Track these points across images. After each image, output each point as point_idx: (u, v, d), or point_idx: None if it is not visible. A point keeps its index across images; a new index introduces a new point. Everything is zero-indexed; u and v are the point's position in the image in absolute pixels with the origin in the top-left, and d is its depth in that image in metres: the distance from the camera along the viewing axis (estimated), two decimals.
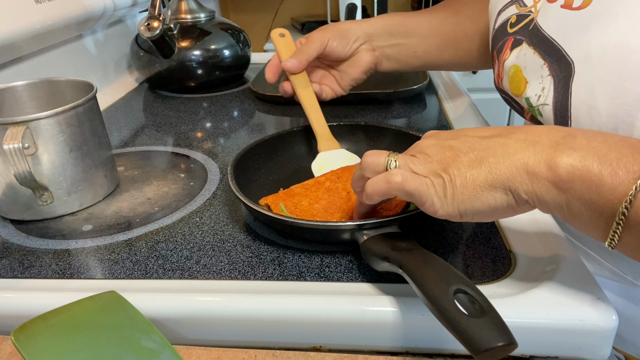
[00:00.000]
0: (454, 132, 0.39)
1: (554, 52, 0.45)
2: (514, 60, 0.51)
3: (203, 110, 0.90)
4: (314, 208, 0.50)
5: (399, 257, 0.37)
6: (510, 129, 0.36)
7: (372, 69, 0.73)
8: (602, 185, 0.31)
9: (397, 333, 0.39)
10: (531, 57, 0.48)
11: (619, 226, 0.31)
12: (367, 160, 0.40)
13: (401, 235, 0.42)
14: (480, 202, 0.35)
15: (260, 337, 0.40)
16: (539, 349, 0.38)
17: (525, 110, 0.51)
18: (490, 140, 0.36)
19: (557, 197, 0.33)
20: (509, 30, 0.54)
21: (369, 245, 0.41)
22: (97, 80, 1.00)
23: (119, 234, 0.52)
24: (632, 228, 0.31)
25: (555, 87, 0.45)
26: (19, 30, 0.72)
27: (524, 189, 0.33)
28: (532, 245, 0.46)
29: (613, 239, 0.32)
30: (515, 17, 0.53)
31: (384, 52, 0.73)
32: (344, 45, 0.71)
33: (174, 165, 0.68)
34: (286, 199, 0.51)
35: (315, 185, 0.53)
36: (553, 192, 0.33)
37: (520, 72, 0.50)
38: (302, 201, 0.50)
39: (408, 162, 0.38)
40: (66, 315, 0.36)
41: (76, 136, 0.54)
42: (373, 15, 1.77)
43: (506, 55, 0.53)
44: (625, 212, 0.30)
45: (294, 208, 0.50)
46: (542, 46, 0.47)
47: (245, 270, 0.45)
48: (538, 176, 0.33)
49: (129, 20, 1.17)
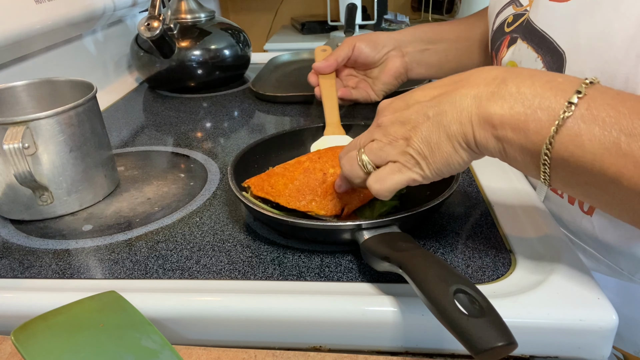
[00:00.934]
0: (406, 98, 0.41)
1: (545, 44, 0.47)
2: (510, 57, 0.52)
3: (203, 110, 0.90)
4: (288, 188, 0.49)
5: (399, 257, 0.37)
6: (456, 81, 0.38)
7: (402, 74, 0.75)
8: (528, 131, 0.33)
9: (397, 333, 0.39)
10: (525, 51, 0.49)
11: (546, 167, 0.34)
12: (345, 172, 0.43)
13: (401, 235, 0.42)
14: (453, 161, 0.37)
15: (260, 337, 0.40)
16: (539, 349, 0.38)
17: None
18: (440, 101, 0.38)
19: (496, 145, 0.35)
20: (506, 30, 0.55)
21: (369, 245, 0.41)
22: (97, 80, 0.99)
23: (119, 234, 0.52)
24: (557, 167, 0.34)
25: None
26: (19, 30, 0.72)
27: (474, 141, 0.36)
28: (532, 245, 0.46)
29: (545, 179, 0.35)
30: (512, 16, 0.54)
31: (414, 57, 0.75)
32: (372, 49, 0.74)
33: (174, 165, 0.68)
34: (265, 180, 0.51)
35: (294, 165, 0.52)
36: (492, 140, 0.35)
37: (516, 67, 0.51)
38: (278, 181, 0.50)
39: (377, 153, 0.40)
40: (66, 315, 0.36)
41: (76, 136, 0.54)
42: (373, 16, 1.77)
43: (503, 53, 0.55)
44: (547, 153, 0.33)
45: (271, 189, 0.49)
46: (534, 40, 0.48)
47: (245, 270, 0.45)
48: (480, 128, 0.35)
49: (129, 20, 1.17)
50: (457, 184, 0.48)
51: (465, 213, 0.52)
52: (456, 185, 0.47)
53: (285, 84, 0.99)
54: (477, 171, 0.60)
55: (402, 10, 2.12)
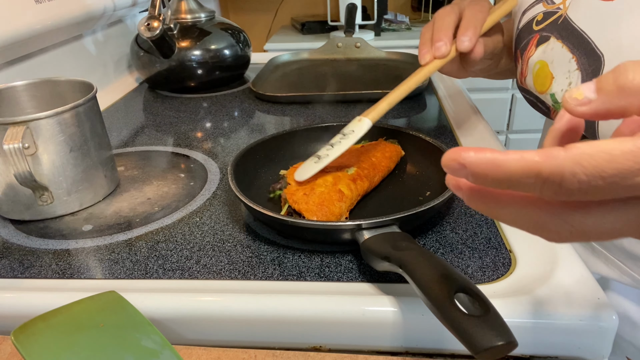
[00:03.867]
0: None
1: (583, 45, 0.45)
2: (540, 56, 0.50)
3: (203, 110, 0.90)
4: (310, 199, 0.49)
5: (399, 257, 0.37)
6: None
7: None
8: None
9: (397, 333, 0.39)
10: (559, 50, 0.48)
11: None
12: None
13: (401, 235, 0.42)
14: None
15: (260, 337, 0.40)
16: (539, 349, 0.38)
17: (551, 108, 0.50)
18: None
19: None
20: (534, 28, 0.53)
21: (369, 245, 0.41)
22: (97, 80, 1.00)
23: (119, 234, 0.52)
24: None
25: (583, 81, 0.44)
26: (19, 30, 0.72)
27: None
28: (532, 245, 0.46)
29: None
30: (542, 14, 0.52)
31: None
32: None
33: (174, 165, 0.68)
34: (301, 185, 0.51)
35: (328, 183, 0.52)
36: None
37: (547, 67, 0.49)
38: (314, 189, 0.50)
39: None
40: (66, 315, 0.36)
41: (76, 136, 0.54)
42: (373, 16, 1.77)
43: (531, 52, 0.52)
44: None
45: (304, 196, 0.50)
46: (571, 39, 0.46)
47: (245, 270, 0.45)
48: None
49: (129, 20, 1.17)
50: None
51: (465, 213, 0.52)
52: None
53: (285, 84, 0.99)
54: None
55: (402, 10, 2.12)
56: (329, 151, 0.52)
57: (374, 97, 0.87)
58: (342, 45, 1.11)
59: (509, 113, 1.87)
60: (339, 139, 0.53)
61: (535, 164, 0.21)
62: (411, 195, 0.55)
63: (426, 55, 0.54)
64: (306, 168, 0.52)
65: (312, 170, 0.51)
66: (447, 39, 0.53)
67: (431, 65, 0.54)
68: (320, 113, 0.84)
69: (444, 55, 0.53)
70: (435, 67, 0.54)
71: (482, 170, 0.22)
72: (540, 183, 0.21)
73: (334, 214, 0.48)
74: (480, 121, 0.76)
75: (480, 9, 0.54)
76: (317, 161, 0.52)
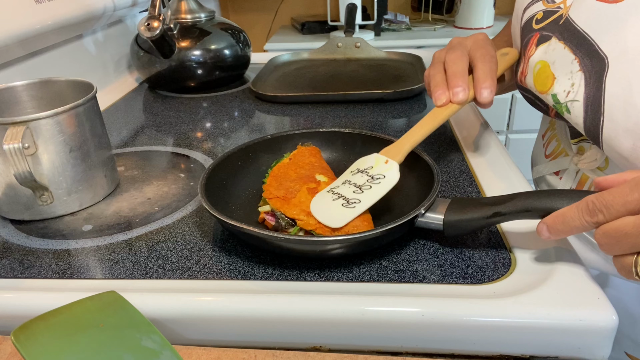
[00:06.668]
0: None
1: (586, 46, 0.45)
2: (541, 56, 0.50)
3: (203, 110, 0.90)
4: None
5: (510, 207, 0.41)
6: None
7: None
8: None
9: (397, 333, 0.39)
10: (561, 51, 0.47)
11: None
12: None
13: (462, 199, 0.45)
14: None
15: (260, 337, 0.40)
16: (539, 349, 0.38)
17: (550, 108, 0.50)
18: None
19: None
20: (534, 27, 0.52)
21: (456, 217, 0.44)
22: (97, 80, 1.00)
23: (119, 234, 0.52)
24: None
25: (586, 82, 0.44)
26: (19, 30, 0.72)
27: None
28: (532, 245, 0.46)
29: None
30: (542, 13, 0.52)
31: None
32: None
33: (174, 165, 0.68)
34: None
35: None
36: None
37: (548, 67, 0.49)
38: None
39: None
40: (66, 315, 0.36)
41: (76, 136, 0.54)
42: (373, 16, 1.77)
43: (531, 51, 0.52)
44: None
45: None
46: (573, 40, 0.46)
47: (245, 270, 0.45)
48: None
49: (129, 20, 1.17)
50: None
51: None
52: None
53: (285, 84, 0.99)
54: (477, 171, 0.60)
55: (402, 10, 2.12)
56: (359, 195, 0.48)
57: (374, 97, 0.87)
58: (342, 46, 1.10)
59: (509, 113, 1.87)
60: (365, 181, 0.49)
61: None
62: (411, 195, 0.54)
63: (442, 96, 0.55)
64: (334, 211, 0.47)
65: (349, 216, 0.46)
66: (464, 85, 0.54)
67: (449, 109, 0.55)
68: (320, 113, 0.84)
69: (462, 102, 0.54)
70: (453, 111, 0.55)
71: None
72: None
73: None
74: (480, 121, 0.76)
75: (490, 58, 0.55)
76: (347, 205, 0.47)
